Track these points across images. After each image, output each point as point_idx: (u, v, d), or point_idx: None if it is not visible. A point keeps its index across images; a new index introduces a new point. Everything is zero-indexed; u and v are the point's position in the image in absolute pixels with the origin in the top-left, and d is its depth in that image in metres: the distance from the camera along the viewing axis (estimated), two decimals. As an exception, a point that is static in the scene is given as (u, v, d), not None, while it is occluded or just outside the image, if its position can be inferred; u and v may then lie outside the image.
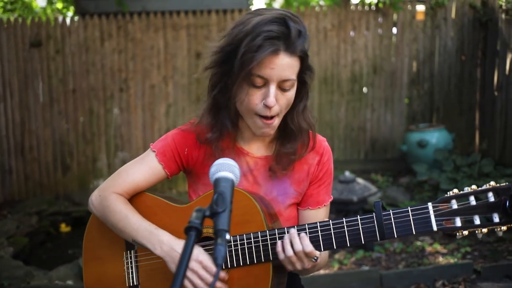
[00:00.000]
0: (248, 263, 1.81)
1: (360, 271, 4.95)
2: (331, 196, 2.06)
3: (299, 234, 1.75)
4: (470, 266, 5.04)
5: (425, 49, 7.51)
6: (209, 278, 1.77)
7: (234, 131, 1.93)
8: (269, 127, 1.82)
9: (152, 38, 7.22)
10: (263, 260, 1.80)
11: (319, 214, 1.99)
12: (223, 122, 1.90)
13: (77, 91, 7.19)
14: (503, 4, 6.89)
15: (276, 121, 1.82)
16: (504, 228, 1.58)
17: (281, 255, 1.74)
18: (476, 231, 1.62)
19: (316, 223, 1.79)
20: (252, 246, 1.81)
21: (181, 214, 1.94)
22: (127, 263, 1.99)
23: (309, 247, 1.73)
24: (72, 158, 7.28)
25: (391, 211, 1.71)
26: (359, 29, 7.35)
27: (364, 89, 7.49)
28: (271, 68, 1.71)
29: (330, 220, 1.76)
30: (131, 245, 1.98)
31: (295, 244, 1.74)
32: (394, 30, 7.45)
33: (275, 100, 1.75)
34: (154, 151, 1.97)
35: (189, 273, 1.79)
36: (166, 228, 1.89)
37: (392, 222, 1.71)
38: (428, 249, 5.45)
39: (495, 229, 1.60)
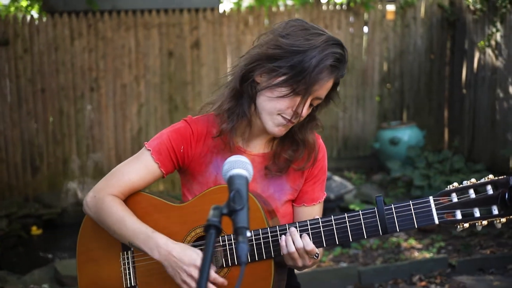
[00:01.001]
0: (249, 260, 1.81)
1: (339, 268, 5.00)
2: (325, 193, 2.08)
3: (301, 234, 1.76)
4: (445, 261, 5.14)
5: (396, 48, 7.62)
6: (208, 284, 1.77)
7: (245, 125, 1.94)
8: (285, 128, 1.87)
9: (123, 37, 7.13)
10: (264, 257, 1.80)
11: (314, 210, 2.01)
12: (243, 110, 1.88)
13: (47, 91, 7.05)
14: (470, 4, 7.05)
15: (291, 125, 1.88)
16: (503, 220, 1.62)
17: (284, 250, 1.75)
18: (476, 223, 1.66)
19: (317, 219, 1.80)
20: (253, 244, 1.81)
21: (178, 214, 1.93)
22: (124, 264, 1.96)
23: (310, 246, 1.75)
24: (42, 159, 7.12)
25: (392, 206, 1.73)
26: (331, 28, 7.40)
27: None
28: (321, 87, 1.80)
29: (332, 216, 1.77)
30: (128, 246, 1.96)
31: (296, 242, 1.75)
32: (365, 29, 7.54)
33: (306, 112, 1.84)
34: (149, 150, 1.95)
35: (186, 278, 1.78)
36: (163, 228, 1.88)
37: (394, 216, 1.73)
38: (404, 244, 5.53)
39: (495, 221, 1.63)
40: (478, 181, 1.66)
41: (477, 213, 1.65)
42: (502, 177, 1.65)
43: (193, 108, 7.29)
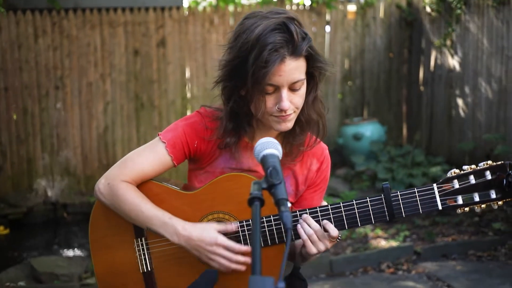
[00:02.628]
0: (262, 245, 1.90)
1: (311, 257, 5.16)
2: (323, 201, 2.15)
3: (322, 219, 1.87)
4: (410, 248, 5.40)
5: (356, 47, 7.88)
6: (233, 256, 1.87)
7: (248, 131, 1.99)
8: (286, 122, 1.88)
9: (89, 35, 7.10)
10: (277, 242, 1.91)
11: None
12: (242, 126, 1.96)
13: (10, 89, 6.95)
14: (427, 5, 7.37)
15: (293, 116, 1.88)
16: (500, 203, 1.78)
17: (303, 235, 1.85)
18: (476, 207, 1.81)
19: (327, 205, 1.89)
20: (265, 229, 1.90)
21: (189, 201, 1.99)
22: (139, 250, 2.02)
23: (335, 232, 1.85)
24: (5, 158, 7.02)
25: (398, 193, 1.84)
26: (294, 27, 7.58)
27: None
28: (279, 75, 1.78)
29: (341, 202, 1.88)
30: (141, 231, 2.01)
31: (313, 225, 1.86)
32: (327, 28, 7.75)
33: (288, 103, 1.83)
34: (164, 142, 1.97)
35: (212, 256, 1.86)
36: (177, 215, 1.94)
37: (400, 203, 1.84)
38: (371, 234, 5.76)
39: (492, 204, 1.79)
40: (478, 167, 1.80)
41: (476, 198, 1.79)
42: (499, 162, 1.79)
43: (159, 106, 7.34)
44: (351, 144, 7.20)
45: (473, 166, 1.81)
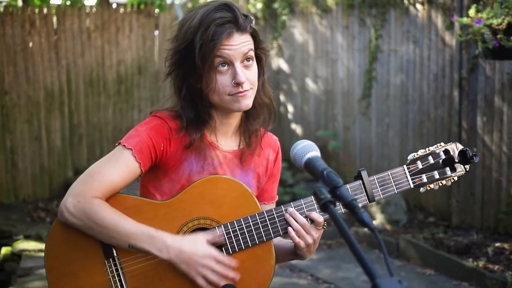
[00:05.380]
0: (250, 245, 1.87)
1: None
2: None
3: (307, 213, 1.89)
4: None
5: (185, 51, 7.90)
6: (224, 270, 1.80)
7: (209, 124, 1.93)
8: (245, 98, 1.85)
9: None
10: (265, 240, 1.88)
11: (272, 207, 2.09)
12: (204, 118, 1.90)
13: None
14: (252, 11, 7.72)
15: (250, 92, 1.87)
16: (455, 178, 2.00)
17: (292, 232, 1.86)
18: (434, 184, 2.00)
19: (310, 197, 1.91)
20: (251, 229, 1.87)
21: (165, 211, 1.88)
22: (112, 272, 1.84)
23: (320, 218, 1.88)
24: None
25: (374, 177, 1.95)
26: (123, 30, 7.34)
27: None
28: (229, 49, 1.80)
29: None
30: (110, 252, 1.83)
31: (299, 219, 1.87)
32: (156, 32, 7.65)
33: (244, 76, 1.82)
34: (130, 149, 1.83)
35: (203, 270, 1.78)
36: (154, 227, 1.82)
37: (377, 186, 1.95)
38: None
39: (450, 180, 2.00)
40: (434, 149, 2.00)
41: (436, 175, 1.98)
42: (450, 143, 2.01)
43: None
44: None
45: (430, 148, 2.00)
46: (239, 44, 1.81)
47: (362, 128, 6.55)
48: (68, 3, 7.13)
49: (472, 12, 4.35)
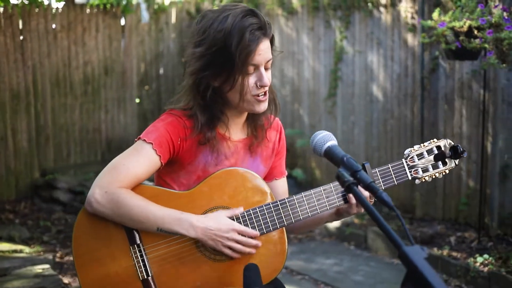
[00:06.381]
0: (265, 231, 2.02)
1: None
2: None
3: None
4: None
5: (151, 51, 7.97)
6: (247, 240, 1.96)
7: (221, 120, 2.07)
8: (265, 102, 2.04)
9: None
10: (278, 226, 2.04)
11: (284, 182, 2.31)
12: (218, 116, 2.05)
13: None
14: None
15: (268, 94, 2.05)
16: (446, 171, 2.20)
17: (352, 199, 2.05)
18: (428, 176, 2.20)
19: (320, 188, 2.08)
20: (266, 216, 2.03)
21: (186, 200, 2.02)
22: (136, 257, 1.96)
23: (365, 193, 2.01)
24: None
25: (377, 169, 2.12)
26: (89, 31, 7.34)
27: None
28: (259, 54, 1.95)
29: (331, 184, 2.09)
30: (135, 239, 1.97)
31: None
32: (122, 32, 7.68)
33: (268, 79, 2.00)
34: (150, 143, 1.96)
35: (228, 242, 1.94)
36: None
37: (379, 178, 2.11)
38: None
39: (442, 173, 2.21)
40: (428, 145, 2.19)
41: (430, 169, 2.18)
42: (442, 139, 2.20)
43: None
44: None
45: (424, 144, 2.20)
46: (265, 50, 1.97)
47: (328, 126, 6.78)
48: (26, 2, 7.05)
49: (435, 15, 4.63)
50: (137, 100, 7.93)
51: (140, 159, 1.96)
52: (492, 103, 5.14)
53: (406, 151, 2.19)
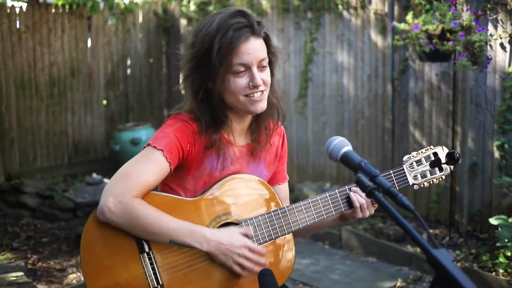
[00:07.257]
0: (273, 238, 2.05)
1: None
2: None
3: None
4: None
5: (118, 52, 7.86)
6: (258, 258, 1.97)
7: (226, 124, 2.09)
8: (261, 102, 2.01)
9: None
10: (286, 232, 2.07)
11: (285, 187, 2.34)
12: (221, 119, 2.05)
13: None
14: (184, 13, 7.80)
15: (265, 94, 2.03)
16: (443, 177, 2.27)
17: (356, 204, 2.10)
18: (426, 182, 2.26)
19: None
20: (274, 223, 2.06)
21: (194, 207, 2.02)
22: (146, 265, 1.95)
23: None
24: None
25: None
26: (55, 31, 7.19)
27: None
28: (247, 53, 1.95)
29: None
30: (143, 246, 1.95)
31: (363, 195, 2.11)
32: (89, 33, 7.55)
33: (260, 79, 1.98)
34: (161, 149, 1.95)
35: (239, 259, 1.95)
36: (190, 221, 1.96)
37: None
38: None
39: (439, 179, 2.27)
40: (426, 152, 2.24)
41: (428, 175, 2.23)
42: (437, 146, 2.26)
43: None
44: (129, 149, 7.20)
45: (422, 150, 2.26)
46: (255, 49, 1.96)
47: (299, 126, 6.84)
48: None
49: (409, 18, 4.75)
50: (104, 102, 7.81)
51: (151, 166, 1.95)
52: (461, 103, 5.30)
53: (405, 158, 2.24)
